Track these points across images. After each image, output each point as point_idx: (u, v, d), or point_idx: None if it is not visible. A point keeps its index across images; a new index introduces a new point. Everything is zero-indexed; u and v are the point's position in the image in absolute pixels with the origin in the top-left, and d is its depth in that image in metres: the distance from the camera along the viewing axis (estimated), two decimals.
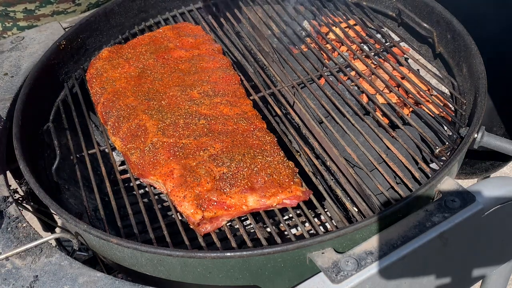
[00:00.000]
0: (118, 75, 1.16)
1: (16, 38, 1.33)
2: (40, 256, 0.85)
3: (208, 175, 0.92)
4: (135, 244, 0.80)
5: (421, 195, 0.83)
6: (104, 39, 1.32)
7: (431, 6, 1.23)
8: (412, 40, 1.32)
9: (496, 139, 0.96)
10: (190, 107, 1.07)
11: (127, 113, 1.06)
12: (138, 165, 0.97)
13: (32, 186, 0.92)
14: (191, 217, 0.88)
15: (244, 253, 0.77)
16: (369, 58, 1.24)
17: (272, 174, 0.93)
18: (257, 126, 1.03)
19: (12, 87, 1.17)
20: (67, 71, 1.24)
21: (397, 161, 1.02)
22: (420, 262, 0.81)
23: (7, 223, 0.90)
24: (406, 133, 1.02)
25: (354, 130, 1.06)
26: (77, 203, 1.08)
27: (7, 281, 0.82)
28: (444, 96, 1.11)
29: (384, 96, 1.10)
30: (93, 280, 0.80)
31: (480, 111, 0.96)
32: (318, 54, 1.24)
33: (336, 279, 0.73)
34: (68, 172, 1.13)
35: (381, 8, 1.36)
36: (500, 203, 0.83)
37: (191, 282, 0.86)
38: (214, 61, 1.20)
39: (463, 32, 1.14)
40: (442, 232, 0.78)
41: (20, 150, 0.99)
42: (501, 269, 0.99)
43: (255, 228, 0.89)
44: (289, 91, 1.16)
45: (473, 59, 1.08)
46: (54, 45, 1.21)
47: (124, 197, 0.98)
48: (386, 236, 0.78)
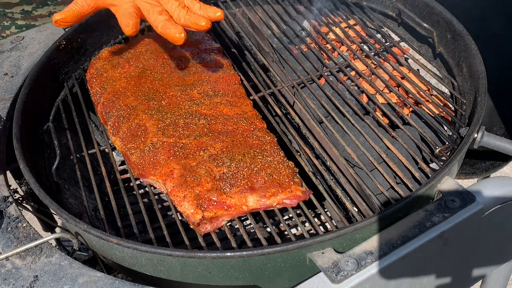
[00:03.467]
0: (118, 75, 1.16)
1: (16, 38, 1.33)
2: (40, 256, 0.85)
3: (208, 175, 0.92)
4: (135, 244, 0.80)
5: (421, 195, 0.83)
6: (104, 39, 1.32)
7: (431, 6, 1.23)
8: (412, 40, 1.32)
9: (496, 139, 0.96)
10: (190, 107, 1.07)
11: (127, 113, 1.06)
12: (138, 165, 0.97)
13: (32, 186, 0.92)
14: (191, 217, 0.88)
15: (244, 253, 0.77)
16: (369, 58, 1.24)
17: (272, 174, 0.93)
18: (257, 126, 1.03)
19: (12, 87, 1.17)
20: (67, 71, 1.24)
21: (397, 161, 1.02)
22: (420, 262, 0.81)
23: (7, 223, 0.90)
24: (406, 133, 1.02)
25: (354, 130, 1.06)
26: (77, 203, 1.08)
27: (7, 281, 0.82)
28: (444, 96, 1.11)
29: (384, 96, 1.10)
30: (93, 280, 0.80)
31: (480, 111, 0.96)
32: (318, 54, 1.24)
33: (336, 279, 0.73)
34: (68, 172, 1.13)
35: (381, 8, 1.36)
36: (500, 203, 0.83)
37: (191, 282, 0.86)
38: (214, 61, 1.21)
39: (463, 32, 1.14)
40: (442, 232, 0.78)
41: (20, 150, 0.99)
42: (501, 269, 1.00)
43: (255, 228, 0.89)
44: (289, 91, 1.16)
45: (473, 59, 1.08)
46: (54, 45, 1.21)
47: (124, 197, 0.98)
48: (386, 236, 0.78)
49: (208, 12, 1.00)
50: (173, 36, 0.96)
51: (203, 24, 0.96)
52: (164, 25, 0.96)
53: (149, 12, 0.98)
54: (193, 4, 1.01)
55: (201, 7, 1.00)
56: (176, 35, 0.95)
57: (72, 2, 0.98)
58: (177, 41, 0.96)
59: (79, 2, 0.98)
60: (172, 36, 0.96)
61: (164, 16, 0.97)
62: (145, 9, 0.99)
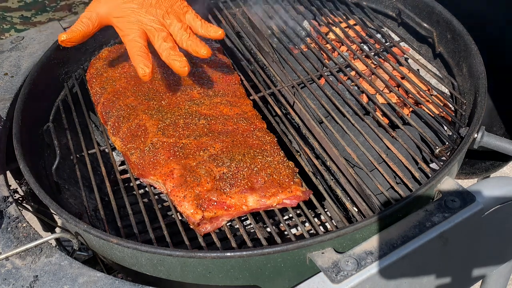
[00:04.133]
0: (118, 75, 1.16)
1: (16, 38, 1.33)
2: (40, 256, 0.85)
3: (208, 175, 0.92)
4: (135, 244, 0.80)
5: (421, 195, 0.83)
6: (104, 39, 1.32)
7: (431, 6, 1.23)
8: (412, 40, 1.32)
9: (496, 139, 0.96)
10: (190, 107, 1.07)
11: (127, 113, 1.06)
12: (138, 165, 0.97)
13: (32, 186, 0.92)
14: (191, 217, 0.88)
15: (244, 253, 0.77)
16: (369, 58, 1.24)
17: (272, 174, 0.93)
18: (257, 126, 1.03)
19: (12, 87, 1.17)
20: (67, 71, 1.24)
21: (397, 161, 1.02)
22: (420, 262, 0.81)
23: (7, 223, 0.90)
24: (406, 133, 1.02)
25: (354, 130, 1.06)
26: (77, 203, 1.08)
27: (7, 281, 0.82)
28: (444, 96, 1.11)
29: (384, 96, 1.10)
30: (93, 280, 0.80)
31: (480, 111, 0.96)
32: (318, 54, 1.24)
33: (336, 279, 0.73)
34: (68, 172, 1.13)
35: (381, 8, 1.36)
36: (500, 203, 0.83)
37: (191, 282, 0.86)
38: (214, 61, 1.21)
39: (463, 32, 1.14)
40: (442, 232, 0.78)
41: (20, 150, 0.99)
42: (501, 269, 1.00)
43: (255, 228, 0.89)
44: (289, 91, 1.16)
45: (473, 59, 1.08)
46: (54, 45, 1.21)
47: (124, 197, 0.98)
48: (386, 236, 0.78)
49: (209, 31, 1.01)
50: (177, 69, 0.96)
51: (204, 53, 0.97)
52: (168, 55, 0.96)
53: (155, 38, 0.98)
54: (195, 22, 1.01)
55: (202, 26, 1.01)
56: (180, 69, 0.96)
57: (77, 22, 0.98)
58: (181, 73, 0.97)
59: (84, 21, 0.98)
60: (176, 69, 0.97)
61: (168, 44, 0.97)
62: (150, 34, 0.99)
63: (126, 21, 0.99)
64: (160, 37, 0.98)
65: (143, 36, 0.99)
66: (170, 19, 0.99)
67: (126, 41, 1.00)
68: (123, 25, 1.00)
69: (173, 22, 0.99)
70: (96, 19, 0.99)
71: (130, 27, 0.99)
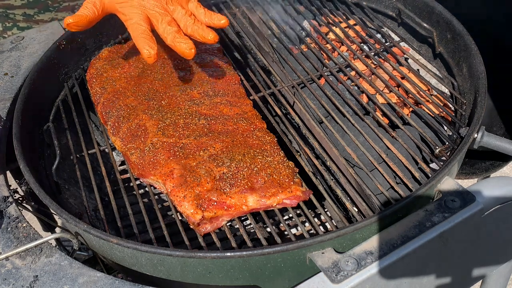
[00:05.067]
0: (118, 75, 1.16)
1: (16, 38, 1.33)
2: (40, 256, 0.85)
3: (208, 175, 0.92)
4: (135, 244, 0.80)
5: (421, 195, 0.83)
6: (104, 39, 1.32)
7: (431, 6, 1.23)
8: (412, 40, 1.32)
9: (496, 139, 0.96)
10: (190, 107, 1.07)
11: (127, 113, 1.06)
12: (138, 165, 0.97)
13: (32, 186, 0.92)
14: (191, 217, 0.88)
15: (244, 253, 0.77)
16: (369, 58, 1.24)
17: (272, 174, 0.93)
18: (257, 126, 1.03)
19: (12, 87, 1.17)
20: (67, 71, 1.24)
21: (397, 161, 1.02)
22: (420, 262, 0.81)
23: (7, 223, 0.90)
24: (406, 133, 1.02)
25: (354, 130, 1.06)
26: (77, 203, 1.08)
27: (7, 281, 0.82)
28: (444, 96, 1.11)
29: (384, 96, 1.10)
30: (93, 280, 0.80)
31: (480, 111, 0.96)
32: (318, 54, 1.24)
33: (336, 279, 0.73)
34: (68, 172, 1.13)
35: (381, 8, 1.36)
36: (500, 203, 0.83)
37: (191, 282, 0.86)
38: (214, 61, 1.21)
39: (463, 32, 1.14)
40: (442, 232, 0.78)
41: (20, 150, 0.99)
42: (501, 269, 1.00)
43: (255, 228, 0.89)
44: (289, 91, 1.16)
45: (473, 59, 1.08)
46: (54, 45, 1.21)
47: (124, 197, 0.98)
48: (386, 236, 0.78)
49: (213, 19, 1.00)
50: (183, 51, 0.95)
51: (211, 37, 0.96)
52: (174, 38, 0.96)
53: (158, 22, 0.97)
54: (197, 10, 1.00)
55: (205, 14, 1.00)
56: (186, 50, 0.95)
57: (82, 7, 0.98)
58: (187, 56, 0.96)
59: (88, 7, 0.97)
60: (182, 51, 0.95)
61: (173, 27, 0.96)
62: (154, 19, 0.98)
63: (129, 6, 0.98)
64: (164, 21, 0.97)
65: (147, 20, 0.98)
66: (173, 5, 0.98)
67: (129, 25, 0.99)
68: (126, 10, 0.99)
69: (177, 9, 0.98)
70: (100, 4, 0.98)
71: (133, 11, 0.98)
